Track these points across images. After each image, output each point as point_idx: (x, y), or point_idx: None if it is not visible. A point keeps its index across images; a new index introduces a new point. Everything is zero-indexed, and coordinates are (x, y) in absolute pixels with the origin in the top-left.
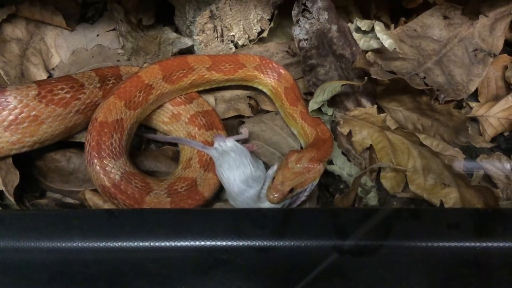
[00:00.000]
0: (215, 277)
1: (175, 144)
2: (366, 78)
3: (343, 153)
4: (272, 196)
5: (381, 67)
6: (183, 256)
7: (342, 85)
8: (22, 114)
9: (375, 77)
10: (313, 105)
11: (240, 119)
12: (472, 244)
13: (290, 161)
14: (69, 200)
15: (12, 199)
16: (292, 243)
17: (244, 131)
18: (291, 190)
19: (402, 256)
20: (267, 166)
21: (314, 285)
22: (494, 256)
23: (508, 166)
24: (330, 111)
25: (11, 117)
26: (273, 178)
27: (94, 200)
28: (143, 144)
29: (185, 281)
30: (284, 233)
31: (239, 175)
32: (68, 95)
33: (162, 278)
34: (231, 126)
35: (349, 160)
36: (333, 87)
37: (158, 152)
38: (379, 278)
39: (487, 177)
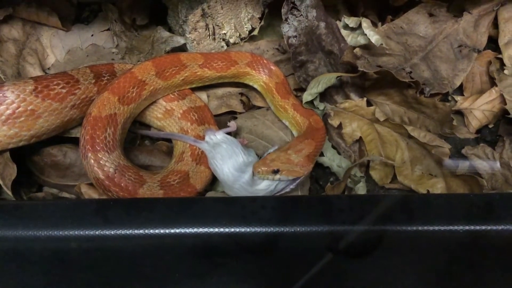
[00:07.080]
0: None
1: (170, 140)
2: (360, 70)
3: (333, 147)
4: (257, 167)
5: (368, 61)
6: (175, 244)
7: (337, 77)
8: (20, 109)
9: (362, 69)
10: (307, 96)
11: (232, 115)
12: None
13: (291, 147)
14: (65, 194)
15: (9, 192)
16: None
17: (232, 124)
18: (276, 172)
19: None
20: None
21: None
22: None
23: (492, 157)
24: (322, 106)
25: (8, 111)
26: (268, 154)
27: (89, 194)
28: (137, 140)
29: (179, 271)
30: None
31: (232, 164)
32: (64, 90)
33: (155, 267)
34: (223, 122)
35: (339, 153)
36: (328, 79)
37: (152, 147)
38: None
39: (472, 168)
